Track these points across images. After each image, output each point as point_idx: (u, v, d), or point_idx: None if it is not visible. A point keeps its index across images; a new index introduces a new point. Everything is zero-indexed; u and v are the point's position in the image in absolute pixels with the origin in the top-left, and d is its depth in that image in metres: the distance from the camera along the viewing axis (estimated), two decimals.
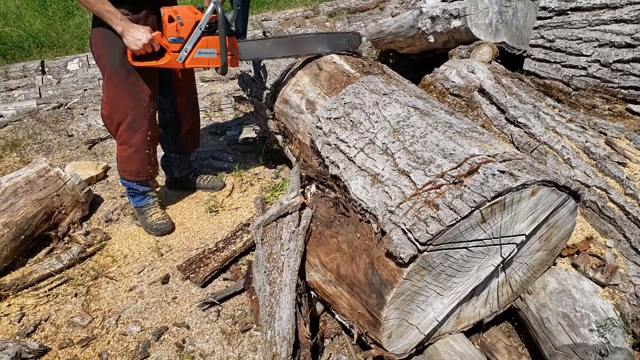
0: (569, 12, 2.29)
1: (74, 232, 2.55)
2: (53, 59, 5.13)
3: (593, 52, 2.15)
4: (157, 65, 2.12)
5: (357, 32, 2.38)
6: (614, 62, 2.08)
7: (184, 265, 2.22)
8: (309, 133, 2.09)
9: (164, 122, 2.60)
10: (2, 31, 5.57)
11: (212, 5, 2.04)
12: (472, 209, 1.24)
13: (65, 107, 4.14)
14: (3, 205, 2.29)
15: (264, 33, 4.14)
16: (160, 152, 2.61)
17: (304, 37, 2.32)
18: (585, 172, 1.74)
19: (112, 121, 2.28)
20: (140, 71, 2.15)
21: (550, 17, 2.40)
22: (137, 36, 2.02)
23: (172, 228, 2.51)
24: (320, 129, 1.93)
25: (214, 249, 2.28)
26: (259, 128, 2.80)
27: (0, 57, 5.34)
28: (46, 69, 4.92)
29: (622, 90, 2.08)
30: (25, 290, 2.17)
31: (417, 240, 1.26)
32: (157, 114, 2.38)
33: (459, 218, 1.24)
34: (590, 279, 1.54)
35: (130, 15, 2.09)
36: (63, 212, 2.52)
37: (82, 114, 4.00)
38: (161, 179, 2.88)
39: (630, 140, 1.81)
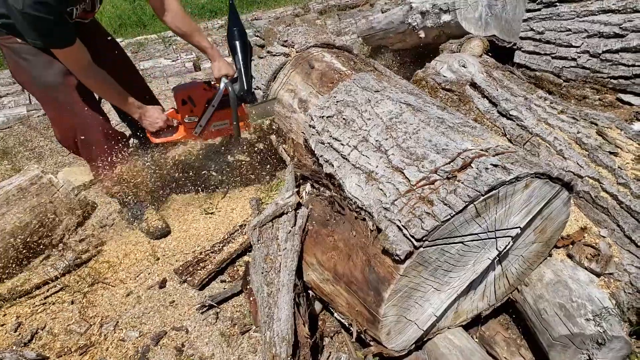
0: (557, 4, 2.30)
1: (68, 238, 2.52)
2: None
3: (582, 43, 2.16)
4: (174, 140, 2.30)
5: None
6: (603, 52, 2.09)
7: (180, 268, 2.21)
8: (302, 132, 2.08)
9: (133, 130, 2.65)
10: None
11: (223, 84, 2.16)
12: (467, 203, 1.24)
13: None
14: None
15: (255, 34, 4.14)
16: None
17: None
18: (577, 163, 1.75)
19: (67, 142, 2.27)
20: (69, 88, 2.10)
21: (539, 9, 2.41)
22: (153, 119, 2.16)
23: (168, 231, 2.50)
24: (314, 127, 1.93)
25: (211, 251, 2.27)
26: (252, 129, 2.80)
27: None
28: None
29: (612, 80, 2.10)
30: (21, 299, 2.15)
31: (412, 237, 1.26)
32: (109, 120, 2.34)
33: (454, 213, 1.24)
34: (586, 268, 1.54)
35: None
36: (57, 219, 2.50)
37: None
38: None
39: (621, 130, 1.82)
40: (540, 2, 2.39)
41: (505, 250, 1.43)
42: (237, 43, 2.11)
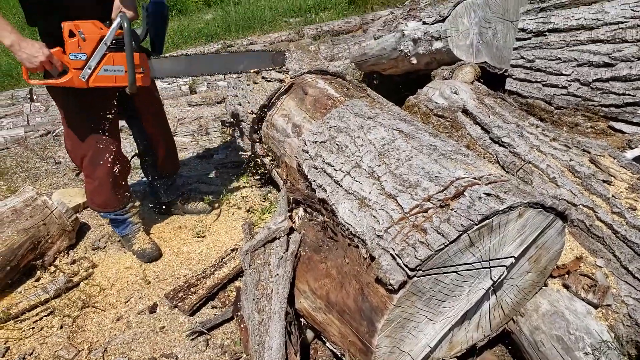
0: (547, 33, 2.35)
1: (60, 261, 2.50)
2: (42, 86, 5.11)
3: (572, 72, 2.19)
4: (56, 83, 1.92)
5: (281, 50, 2.40)
6: (594, 80, 2.12)
7: (171, 293, 2.18)
8: (296, 156, 2.08)
9: (141, 151, 2.58)
10: None
11: (118, 19, 1.89)
12: (460, 232, 1.23)
13: (53, 134, 4.11)
14: None
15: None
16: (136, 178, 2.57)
17: (223, 55, 2.33)
18: (571, 191, 1.75)
19: (75, 155, 2.24)
20: (96, 105, 2.06)
21: (529, 38, 2.45)
22: (32, 52, 1.79)
23: (159, 254, 2.47)
24: (307, 152, 1.93)
25: (202, 275, 2.24)
26: (246, 151, 2.80)
27: None
28: (34, 97, 4.89)
29: (603, 108, 2.12)
30: (9, 322, 2.11)
31: (406, 266, 1.25)
32: (120, 145, 2.32)
33: (447, 242, 1.23)
34: (583, 299, 1.53)
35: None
36: (50, 241, 2.47)
37: None
38: (147, 204, 2.85)
39: (614, 158, 1.84)
40: (530, 31, 2.43)
41: (499, 280, 1.42)
42: (150, 4, 1.96)
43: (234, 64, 2.28)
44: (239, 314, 1.96)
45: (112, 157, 2.23)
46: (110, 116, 2.17)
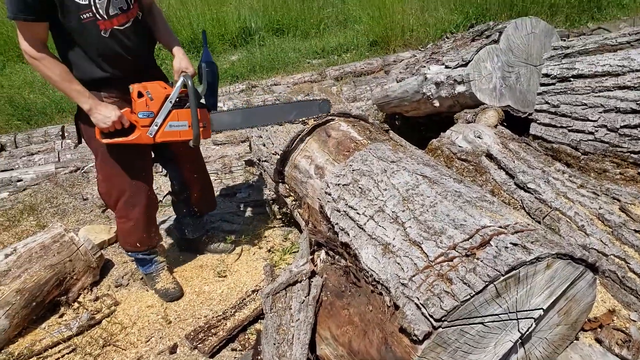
0: (572, 79, 2.35)
1: (84, 297, 2.53)
2: (72, 123, 5.32)
3: (599, 117, 2.18)
4: (126, 141, 2.07)
5: (326, 99, 2.50)
6: (621, 127, 2.10)
7: (192, 334, 2.17)
8: (318, 198, 2.10)
9: (175, 191, 2.63)
10: (28, 98, 5.83)
11: (181, 78, 2.06)
12: (487, 283, 1.21)
13: (82, 170, 4.25)
14: (17, 272, 2.31)
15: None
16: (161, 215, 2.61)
17: (274, 106, 2.44)
18: (601, 240, 1.71)
19: (110, 197, 2.29)
20: (135, 147, 2.13)
21: (553, 84, 2.45)
22: (105, 114, 1.97)
23: (181, 294, 2.48)
24: (329, 194, 1.95)
25: (222, 316, 2.23)
26: (269, 191, 2.83)
27: (24, 122, 5.57)
28: (66, 134, 5.08)
29: (633, 155, 2.09)
30: (32, 359, 2.12)
31: (431, 316, 1.22)
32: (153, 184, 2.38)
33: (474, 293, 1.21)
34: (617, 355, 1.46)
35: (118, 100, 2.09)
36: (75, 277, 2.52)
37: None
38: (170, 241, 2.89)
39: None
40: (554, 76, 2.44)
41: (527, 332, 1.37)
42: (204, 64, 2.11)
43: (285, 115, 2.41)
44: (259, 357, 1.93)
45: (147, 197, 2.30)
46: (147, 158, 2.26)
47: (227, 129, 2.37)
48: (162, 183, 3.72)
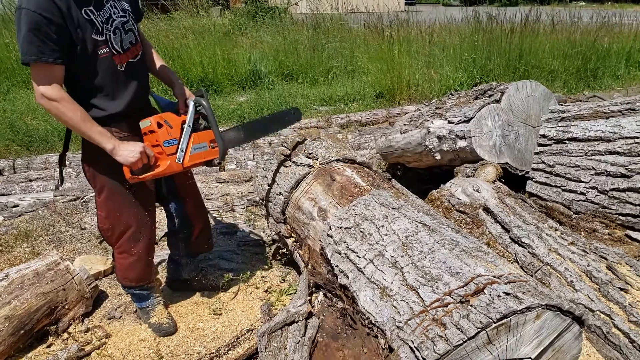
0: (567, 141, 2.48)
1: (74, 328, 2.49)
2: (74, 152, 5.35)
3: (590, 179, 2.28)
4: (159, 174, 2.08)
5: (296, 107, 2.77)
6: (611, 190, 2.20)
7: None
8: (320, 240, 2.15)
9: (175, 228, 2.61)
10: (30, 124, 5.86)
11: (193, 103, 2.15)
12: (479, 329, 1.26)
13: (82, 200, 4.25)
14: (7, 298, 2.26)
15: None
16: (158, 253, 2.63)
17: (262, 120, 2.75)
18: (588, 296, 1.76)
19: (113, 233, 2.27)
20: (140, 183, 2.14)
21: (550, 145, 2.58)
22: (130, 148, 1.95)
23: (175, 329, 2.47)
24: (331, 237, 2.00)
25: (215, 354, 2.23)
26: (269, 231, 2.88)
27: (24, 148, 5.54)
28: (67, 162, 5.09)
29: (620, 217, 2.17)
30: None
31: (424, 359, 1.26)
32: (155, 221, 2.40)
33: (466, 338, 1.25)
34: None
35: (129, 135, 2.10)
36: (67, 307, 2.47)
37: None
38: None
39: (631, 267, 1.86)
40: (550, 138, 2.57)
41: None
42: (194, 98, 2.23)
43: (271, 126, 2.70)
44: None
45: (151, 231, 2.32)
46: (153, 191, 2.29)
47: (235, 145, 2.49)
48: (162, 217, 3.74)
